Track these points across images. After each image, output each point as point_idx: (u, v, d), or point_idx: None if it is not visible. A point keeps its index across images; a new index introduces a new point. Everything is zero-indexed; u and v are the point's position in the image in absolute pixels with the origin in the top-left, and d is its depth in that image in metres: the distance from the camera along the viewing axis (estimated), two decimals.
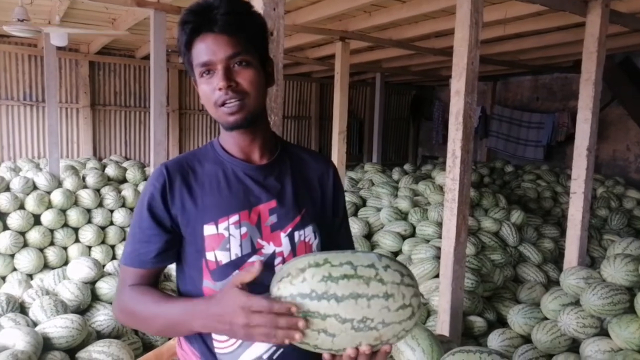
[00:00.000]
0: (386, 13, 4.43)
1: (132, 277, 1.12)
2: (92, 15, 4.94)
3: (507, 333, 3.01)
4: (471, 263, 3.68)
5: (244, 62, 1.05)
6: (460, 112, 2.71)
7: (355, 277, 0.91)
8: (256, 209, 1.11)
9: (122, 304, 1.11)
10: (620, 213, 5.31)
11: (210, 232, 1.09)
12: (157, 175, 1.12)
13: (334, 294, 0.90)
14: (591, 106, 3.37)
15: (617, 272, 2.68)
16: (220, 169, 1.14)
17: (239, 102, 1.04)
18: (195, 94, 8.30)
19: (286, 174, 1.18)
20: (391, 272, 0.93)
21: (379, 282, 0.92)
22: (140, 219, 1.11)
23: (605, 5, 3.31)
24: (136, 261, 1.11)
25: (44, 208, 4.60)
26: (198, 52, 1.05)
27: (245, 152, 1.16)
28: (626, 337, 2.39)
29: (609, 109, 7.13)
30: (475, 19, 2.65)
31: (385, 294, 0.91)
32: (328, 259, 0.94)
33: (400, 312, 0.92)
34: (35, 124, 7.02)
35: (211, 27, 1.03)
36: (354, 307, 0.90)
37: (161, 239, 1.10)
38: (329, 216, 1.25)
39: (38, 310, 2.86)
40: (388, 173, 5.92)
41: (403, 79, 9.82)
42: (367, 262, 0.94)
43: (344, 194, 1.31)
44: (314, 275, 0.91)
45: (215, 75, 1.04)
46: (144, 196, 1.11)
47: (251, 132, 1.13)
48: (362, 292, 0.90)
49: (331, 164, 1.29)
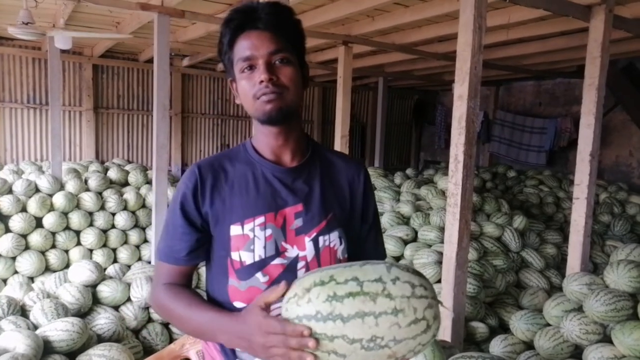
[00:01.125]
0: (389, 17, 4.44)
1: (167, 273, 1.17)
2: (97, 19, 4.96)
3: (509, 339, 2.99)
4: (473, 268, 3.66)
5: (285, 59, 1.08)
6: (463, 117, 2.70)
7: (361, 294, 0.88)
8: (282, 211, 1.13)
9: (157, 300, 1.16)
10: (623, 219, 5.29)
11: (236, 232, 1.12)
12: (190, 174, 1.15)
13: (340, 314, 0.87)
14: (594, 111, 3.36)
15: (620, 278, 2.66)
16: (250, 170, 1.16)
17: (277, 94, 1.07)
18: (199, 98, 8.33)
19: (315, 177, 1.20)
20: (400, 285, 0.89)
21: (387, 297, 0.88)
22: (173, 216, 1.14)
23: (609, 10, 3.31)
24: (170, 258, 1.16)
25: (46, 211, 4.60)
26: (241, 47, 1.08)
27: (276, 154, 1.18)
28: (630, 343, 2.38)
29: (612, 114, 7.12)
30: (479, 24, 2.65)
31: (394, 310, 0.87)
32: (334, 275, 0.91)
33: (413, 327, 0.88)
34: (39, 127, 7.03)
35: (255, 24, 1.08)
36: (361, 326, 0.86)
37: (192, 237, 1.13)
38: (357, 221, 1.24)
39: (39, 313, 2.85)
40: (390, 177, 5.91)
41: (406, 84, 9.83)
42: (374, 276, 0.90)
43: (374, 200, 1.31)
44: (319, 295, 0.89)
45: (257, 70, 1.07)
46: (177, 195, 1.15)
47: (284, 132, 1.15)
48: (368, 310, 0.87)
49: (363, 168, 1.29)
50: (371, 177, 5.91)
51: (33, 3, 3.59)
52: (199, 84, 8.34)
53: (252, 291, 1.10)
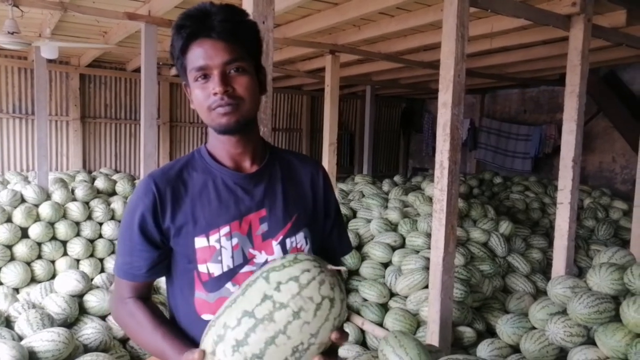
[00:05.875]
0: (375, 27, 4.50)
1: (126, 289, 1.15)
2: (83, 28, 4.96)
3: (496, 343, 3.02)
4: (460, 273, 3.70)
5: (240, 68, 1.06)
6: (447, 124, 2.75)
7: (258, 324, 0.86)
8: (247, 218, 1.11)
9: (117, 316, 1.18)
10: (606, 223, 5.37)
11: (201, 244, 1.09)
12: (145, 190, 1.10)
13: (254, 354, 0.86)
14: (576, 118, 3.44)
15: (602, 281, 2.71)
16: (210, 179, 1.13)
17: (233, 106, 1.05)
18: (187, 107, 8.33)
19: (276, 180, 1.18)
20: (285, 288, 0.88)
21: (280, 308, 0.86)
22: (129, 232, 1.11)
23: (587, 20, 3.40)
24: (129, 274, 1.13)
25: (32, 221, 4.56)
26: (194, 56, 1.05)
27: (235, 160, 1.15)
28: (612, 345, 2.42)
29: (594, 121, 7.26)
30: (461, 33, 2.71)
31: (294, 314, 0.86)
32: (226, 323, 0.89)
33: (320, 313, 0.87)
34: (25, 137, 6.98)
35: (209, 32, 1.04)
36: (278, 350, 0.86)
37: (152, 255, 1.11)
38: (320, 219, 1.24)
39: (24, 324, 2.82)
40: (378, 185, 5.95)
41: (393, 92, 9.93)
42: (259, 297, 0.88)
43: (334, 195, 1.30)
44: (226, 353, 0.87)
45: (211, 80, 1.04)
46: (134, 211, 1.10)
47: (242, 140, 1.13)
48: (274, 332, 0.85)
49: (320, 166, 1.29)
50: (360, 184, 5.97)
51: (19, 12, 3.58)
52: None
53: (221, 302, 1.04)
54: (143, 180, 1.13)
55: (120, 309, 1.15)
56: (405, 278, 3.69)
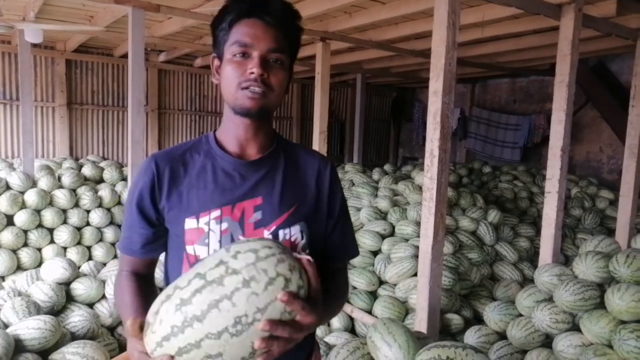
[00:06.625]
0: (366, 14, 4.46)
1: (124, 263, 1.20)
2: (69, 12, 4.85)
3: (483, 330, 3.06)
4: (449, 261, 3.73)
5: (279, 60, 1.08)
6: (438, 112, 2.75)
7: (207, 286, 0.83)
8: (240, 204, 1.11)
9: (114, 289, 1.24)
10: (593, 213, 5.44)
11: (190, 225, 1.10)
12: (146, 168, 1.14)
13: (194, 315, 0.82)
14: (565, 107, 3.45)
15: (588, 269, 2.75)
16: (210, 162, 1.14)
17: (262, 93, 1.06)
18: (176, 94, 8.22)
19: (278, 170, 1.17)
20: (242, 256, 0.85)
21: (232, 274, 0.83)
22: (130, 209, 1.15)
23: (578, 9, 3.40)
24: (127, 250, 1.18)
25: (18, 208, 4.49)
26: (241, 32, 1.06)
27: (241, 145, 1.16)
28: (597, 331, 2.46)
29: (583, 111, 7.31)
30: (453, 21, 2.69)
31: (244, 281, 0.83)
32: (177, 284, 0.87)
33: (271, 289, 0.83)
34: (9, 123, 6.84)
35: (264, 15, 1.06)
36: (219, 315, 0.82)
37: (147, 232, 1.14)
38: (322, 216, 1.21)
39: (9, 312, 2.79)
40: (368, 173, 5.95)
41: (384, 81, 9.90)
42: (215, 262, 0.86)
43: (342, 195, 1.27)
44: (168, 311, 0.84)
45: (250, 60, 1.05)
46: (135, 188, 1.15)
47: (255, 125, 1.14)
48: (219, 296, 0.82)
49: (329, 162, 1.27)
50: (350, 172, 5.96)
51: None
52: (175, 80, 8.23)
53: None
54: (146, 159, 1.16)
55: (116, 280, 1.21)
56: (394, 266, 3.71)
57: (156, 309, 0.88)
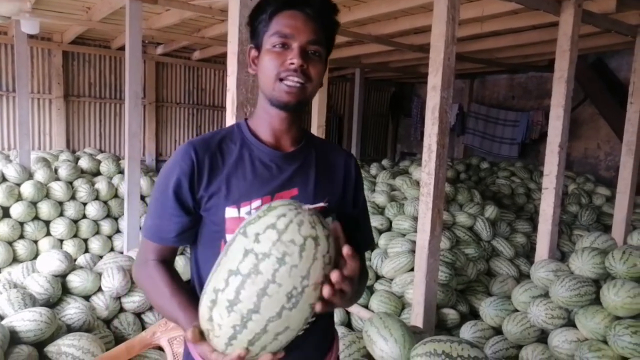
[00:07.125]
0: (365, 8, 4.44)
1: (152, 251, 1.17)
2: (66, 4, 4.81)
3: (479, 325, 3.07)
4: (445, 257, 3.73)
5: (317, 52, 1.09)
6: (436, 107, 2.74)
7: (246, 279, 0.85)
8: (279, 195, 1.13)
9: (137, 277, 1.19)
10: (590, 209, 5.46)
11: (231, 214, 1.10)
12: (184, 155, 1.11)
13: (249, 309, 0.85)
14: (563, 104, 3.45)
15: (584, 265, 2.75)
16: (247, 152, 1.15)
17: (301, 85, 1.07)
18: (173, 87, 8.18)
19: (311, 163, 1.20)
20: (264, 237, 0.85)
21: (264, 258, 0.84)
22: (164, 197, 1.12)
23: (578, 5, 3.39)
24: (157, 237, 1.15)
25: (14, 200, 4.48)
26: (283, 23, 1.07)
27: (276, 137, 1.17)
28: (592, 327, 2.47)
29: (581, 108, 7.31)
30: (452, 15, 2.68)
31: (278, 260, 0.84)
32: (215, 287, 0.88)
33: (305, 254, 0.85)
34: (6, 115, 6.80)
35: (304, 7, 1.08)
36: (270, 300, 0.84)
37: (183, 220, 1.13)
38: (349, 208, 1.26)
39: (5, 304, 2.78)
40: (366, 168, 5.95)
41: (382, 76, 9.87)
42: (241, 254, 0.86)
43: (363, 186, 1.33)
44: (222, 315, 0.87)
45: (290, 51, 1.06)
46: (170, 175, 1.11)
47: (290, 118, 1.16)
48: (263, 284, 0.84)
49: (353, 157, 1.31)
50: None
51: None
52: (173, 73, 8.19)
53: None
54: (182, 146, 1.14)
55: (142, 269, 1.18)
56: (391, 261, 3.71)
57: (208, 316, 0.89)
